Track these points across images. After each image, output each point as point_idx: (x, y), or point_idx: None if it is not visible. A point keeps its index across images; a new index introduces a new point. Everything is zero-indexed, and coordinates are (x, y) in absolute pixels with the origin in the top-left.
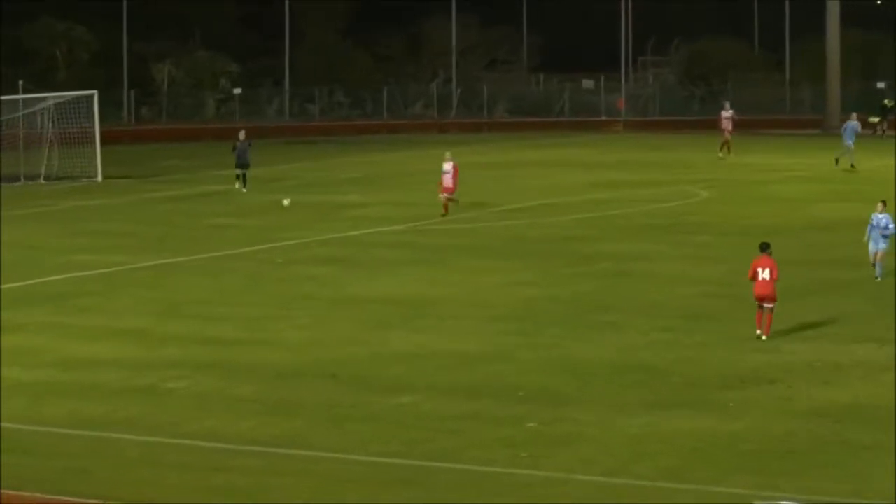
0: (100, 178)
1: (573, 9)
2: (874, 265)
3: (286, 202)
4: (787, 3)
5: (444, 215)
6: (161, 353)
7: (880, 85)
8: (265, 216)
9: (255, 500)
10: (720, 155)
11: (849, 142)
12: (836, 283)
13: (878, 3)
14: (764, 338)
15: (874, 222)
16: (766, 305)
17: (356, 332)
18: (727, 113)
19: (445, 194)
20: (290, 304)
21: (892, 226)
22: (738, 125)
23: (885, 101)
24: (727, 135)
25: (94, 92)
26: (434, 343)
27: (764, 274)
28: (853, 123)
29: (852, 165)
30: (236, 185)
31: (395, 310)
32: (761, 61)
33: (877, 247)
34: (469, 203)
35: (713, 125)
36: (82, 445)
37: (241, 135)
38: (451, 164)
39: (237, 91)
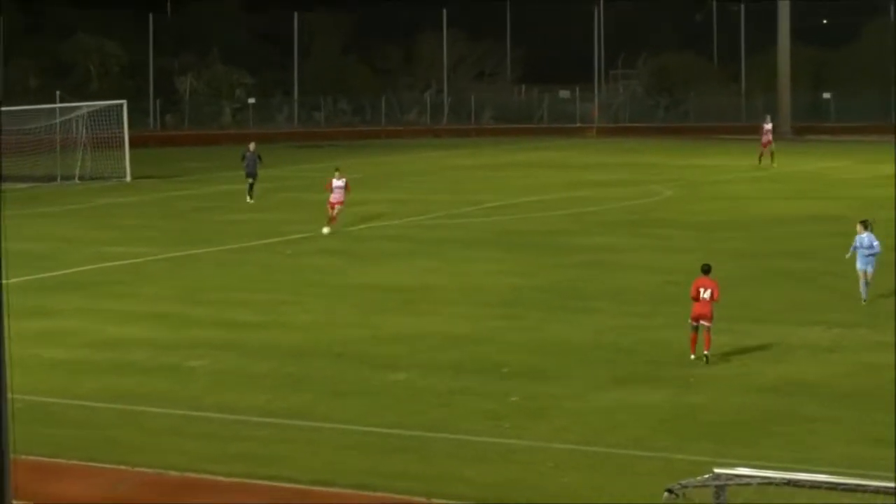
0: (128, 178)
1: (552, 26)
2: (862, 286)
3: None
4: (742, 22)
5: (328, 228)
6: (184, 335)
7: (826, 95)
8: (276, 212)
9: (269, 466)
10: (762, 163)
11: None
12: (786, 272)
13: (825, 21)
14: (705, 355)
15: (857, 243)
16: (703, 324)
17: (358, 316)
18: (768, 126)
19: (337, 207)
20: (299, 291)
21: (876, 244)
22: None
23: None
24: (768, 146)
25: (124, 101)
26: (428, 326)
27: (705, 294)
28: None
29: None
30: (247, 199)
31: (394, 296)
32: (719, 74)
33: (865, 267)
34: (459, 200)
35: (677, 131)
36: (113, 417)
37: (251, 146)
38: (343, 180)
39: (251, 100)
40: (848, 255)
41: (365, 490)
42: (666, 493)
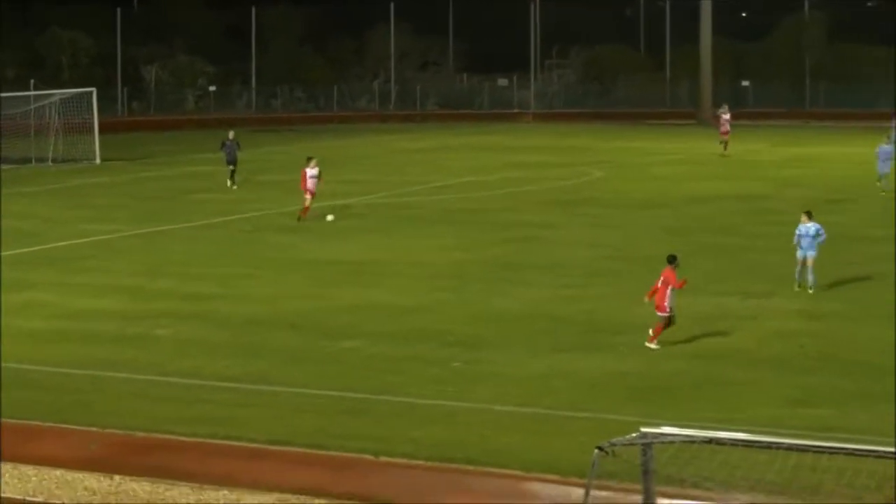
0: (98, 160)
1: (491, 20)
2: (798, 271)
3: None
4: (668, 16)
5: (300, 218)
6: (150, 306)
7: (745, 83)
8: (236, 192)
9: (228, 427)
10: (723, 152)
11: None
12: (707, 247)
13: (744, 14)
14: (649, 346)
15: (802, 231)
16: (658, 313)
17: (312, 289)
18: (726, 115)
19: (309, 196)
20: (257, 265)
21: (823, 234)
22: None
23: None
24: (727, 134)
25: (93, 89)
26: (377, 297)
27: (659, 283)
28: None
29: None
30: (228, 184)
31: (345, 270)
32: (646, 63)
33: (805, 253)
34: (406, 181)
35: (607, 116)
36: (85, 383)
37: (231, 134)
38: (318, 169)
39: (212, 88)
40: (796, 245)
41: (318, 449)
42: (596, 451)
